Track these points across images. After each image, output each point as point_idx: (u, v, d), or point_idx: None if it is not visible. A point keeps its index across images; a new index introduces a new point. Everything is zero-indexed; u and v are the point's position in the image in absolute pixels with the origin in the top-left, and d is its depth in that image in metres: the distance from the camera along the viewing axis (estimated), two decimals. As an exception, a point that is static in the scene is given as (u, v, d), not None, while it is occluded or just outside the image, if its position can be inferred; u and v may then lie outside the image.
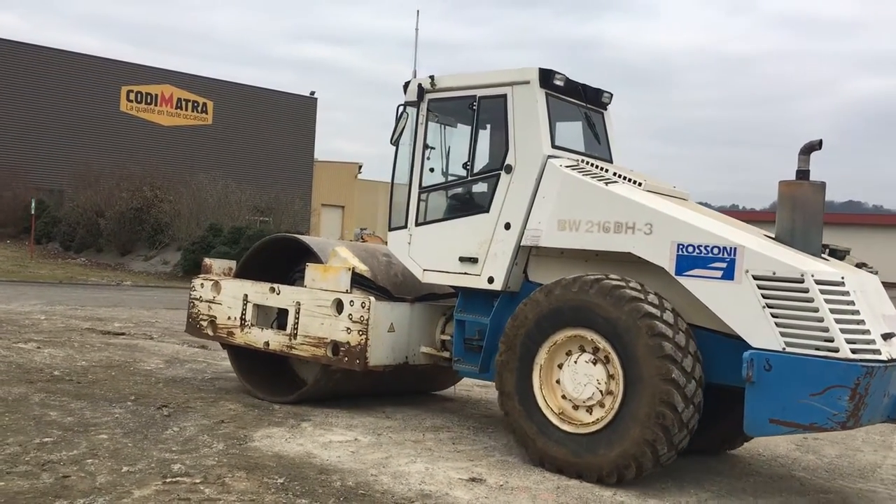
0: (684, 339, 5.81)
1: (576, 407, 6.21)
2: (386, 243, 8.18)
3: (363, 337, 7.23)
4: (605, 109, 7.85)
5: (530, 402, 6.34)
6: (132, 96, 44.66)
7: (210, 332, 8.60)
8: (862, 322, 5.47)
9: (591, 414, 6.14)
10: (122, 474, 5.38)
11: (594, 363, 6.09)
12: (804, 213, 6.14)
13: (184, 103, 46.34)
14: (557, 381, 6.31)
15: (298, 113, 49.61)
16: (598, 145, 7.64)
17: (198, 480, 5.35)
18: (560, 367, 6.29)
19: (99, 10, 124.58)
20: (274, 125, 47.97)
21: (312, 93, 50.94)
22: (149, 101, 45.23)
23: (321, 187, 48.72)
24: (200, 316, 8.68)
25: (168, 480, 5.30)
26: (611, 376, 6.02)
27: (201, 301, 8.67)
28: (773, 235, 6.27)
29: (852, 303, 5.52)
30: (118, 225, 30.76)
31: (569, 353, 6.25)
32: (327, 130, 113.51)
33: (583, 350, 6.18)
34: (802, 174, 6.22)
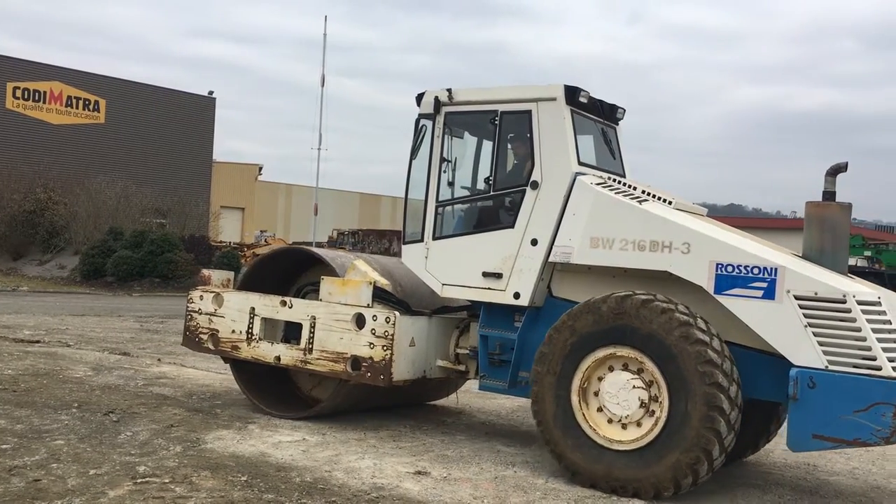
0: (720, 345, 6.01)
1: (596, 393, 6.36)
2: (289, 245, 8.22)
3: (388, 352, 7.19)
4: (618, 125, 7.95)
5: (569, 368, 6.37)
6: (19, 93, 42.78)
7: (211, 346, 8.35)
8: None
9: (608, 424, 6.31)
10: (90, 477, 5.62)
11: (640, 406, 6.14)
12: (833, 234, 6.32)
13: (74, 101, 44.72)
14: (611, 369, 6.34)
15: (196, 113, 48.64)
16: (612, 160, 7.75)
17: (166, 480, 5.65)
18: (611, 369, 6.33)
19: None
20: (170, 125, 46.86)
21: (211, 92, 50.05)
22: (37, 98, 43.43)
23: (220, 189, 48.01)
24: (200, 329, 8.41)
25: (138, 481, 5.58)
26: (649, 415, 6.14)
27: (201, 314, 8.41)
28: (801, 255, 6.43)
29: (889, 322, 5.77)
30: (9, 228, 29.72)
31: (625, 367, 6.27)
32: (226, 131, 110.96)
33: (638, 375, 6.18)
34: (829, 195, 6.40)
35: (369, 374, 7.30)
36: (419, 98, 7.71)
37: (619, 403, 6.22)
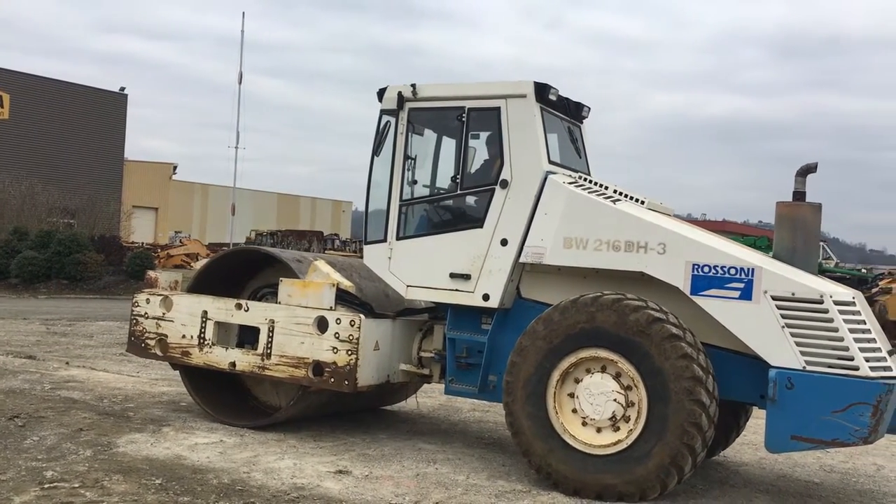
0: (705, 361, 5.92)
1: (577, 380, 6.25)
2: (206, 247, 7.97)
3: (352, 357, 6.92)
4: (582, 123, 7.79)
5: (567, 346, 6.17)
6: (-87, 86, 40.74)
7: (159, 352, 7.92)
8: (874, 340, 5.71)
9: (572, 413, 6.21)
10: (-6, 484, 5.37)
11: (610, 418, 6.01)
12: (804, 234, 6.29)
13: (-25, 95, 42.76)
14: (603, 369, 6.15)
15: (106, 109, 47.12)
16: (578, 159, 7.59)
17: (76, 485, 5.44)
18: (603, 370, 6.14)
19: None
20: (79, 122, 45.26)
21: (122, 88, 48.63)
22: (-67, 91, 41.42)
23: (133, 188, 46.66)
24: (146, 334, 7.98)
25: (46, 486, 5.35)
26: (613, 430, 6.05)
27: (147, 318, 7.99)
28: (772, 255, 6.38)
29: (864, 322, 5.75)
30: None
31: (616, 376, 6.09)
32: (140, 128, 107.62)
33: (625, 392, 6.01)
34: (799, 195, 6.36)
35: (333, 380, 7.02)
36: (381, 93, 7.42)
37: (592, 404, 6.09)
